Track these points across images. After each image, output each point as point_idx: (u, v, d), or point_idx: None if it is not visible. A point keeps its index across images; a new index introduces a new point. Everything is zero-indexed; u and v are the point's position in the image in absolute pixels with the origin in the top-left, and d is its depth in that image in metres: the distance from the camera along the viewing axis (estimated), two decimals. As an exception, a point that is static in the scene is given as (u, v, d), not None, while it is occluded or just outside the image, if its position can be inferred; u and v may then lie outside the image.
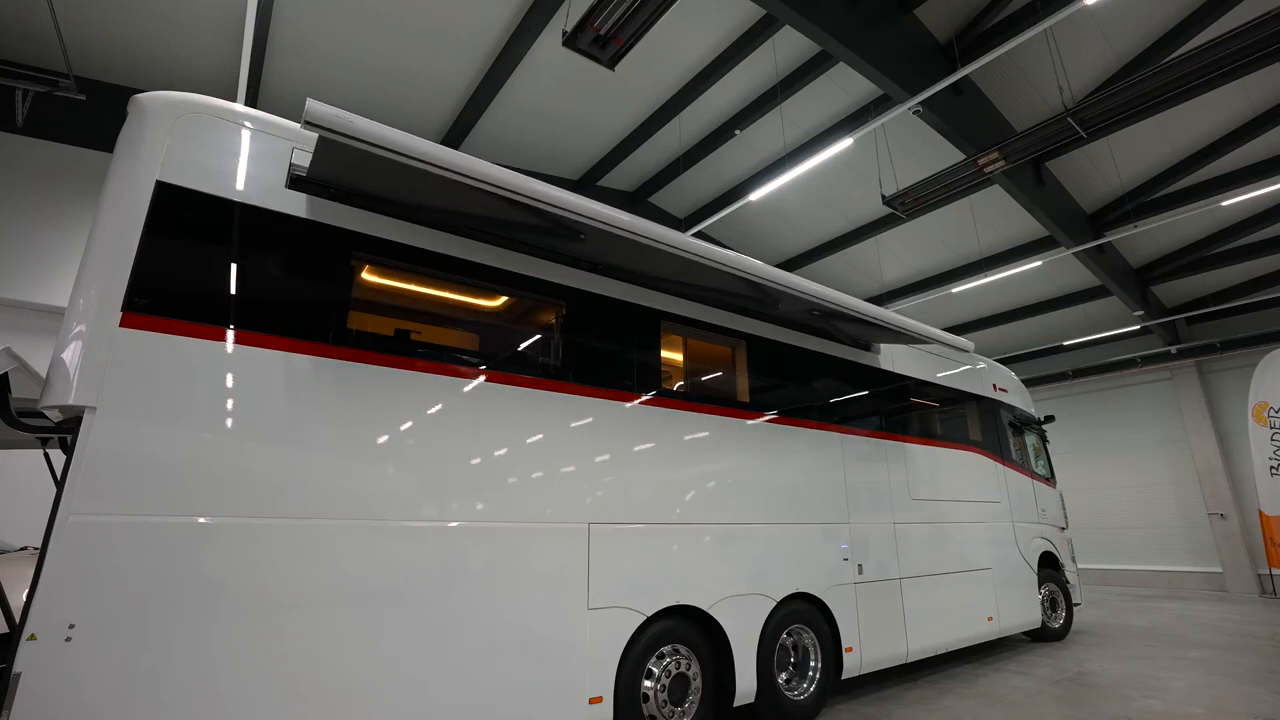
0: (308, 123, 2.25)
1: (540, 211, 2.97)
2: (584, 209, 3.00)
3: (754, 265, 3.80)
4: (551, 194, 2.87)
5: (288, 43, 7.18)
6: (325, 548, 2.54)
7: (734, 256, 3.70)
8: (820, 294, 4.20)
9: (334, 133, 2.32)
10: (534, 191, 2.81)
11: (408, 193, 3.01)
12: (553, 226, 3.32)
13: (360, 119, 2.39)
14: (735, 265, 3.67)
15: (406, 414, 2.89)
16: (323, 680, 2.43)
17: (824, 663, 4.30)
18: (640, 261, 3.78)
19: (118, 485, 2.20)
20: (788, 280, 4.00)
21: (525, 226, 3.38)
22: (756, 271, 3.79)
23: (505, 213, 3.15)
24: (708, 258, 3.54)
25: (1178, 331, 13.70)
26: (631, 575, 3.43)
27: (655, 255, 3.53)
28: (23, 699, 1.92)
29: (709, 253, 3.54)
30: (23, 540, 4.81)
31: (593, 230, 3.20)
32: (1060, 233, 9.65)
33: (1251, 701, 4.50)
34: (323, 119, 2.28)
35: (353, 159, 2.57)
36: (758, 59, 7.85)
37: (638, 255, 3.63)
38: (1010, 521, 6.59)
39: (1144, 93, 5.97)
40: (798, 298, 4.17)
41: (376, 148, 2.41)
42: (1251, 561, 11.94)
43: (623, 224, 3.16)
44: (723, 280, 3.97)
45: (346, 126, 2.34)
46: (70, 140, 7.27)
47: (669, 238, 3.35)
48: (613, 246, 3.50)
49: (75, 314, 2.39)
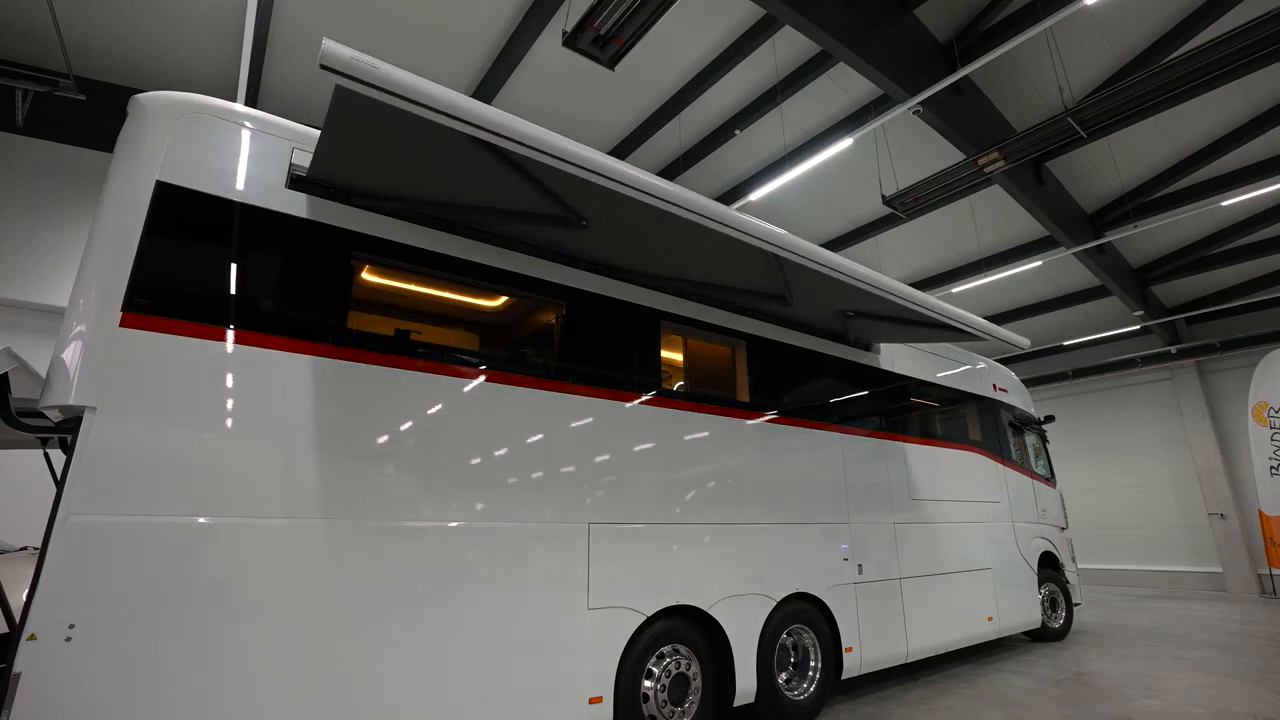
0: (324, 66, 1.96)
1: (566, 182, 2.69)
2: (630, 177, 2.69)
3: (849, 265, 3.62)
4: (592, 157, 2.57)
5: (288, 43, 7.17)
6: (325, 548, 2.54)
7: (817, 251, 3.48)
8: (918, 299, 4.07)
9: (354, 79, 2.02)
10: (570, 154, 2.50)
11: (419, 172, 2.80)
12: (564, 215, 3.16)
13: (386, 65, 2.09)
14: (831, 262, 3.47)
15: (406, 414, 2.89)
16: (322, 680, 2.43)
17: (824, 663, 4.30)
18: (686, 244, 3.43)
19: (118, 485, 2.21)
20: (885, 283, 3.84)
21: (535, 216, 3.23)
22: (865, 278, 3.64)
23: (523, 193, 2.93)
24: (797, 251, 3.28)
25: (1178, 331, 13.69)
26: (631, 575, 3.43)
27: (717, 239, 3.20)
28: (23, 699, 1.92)
29: (794, 245, 3.29)
30: (23, 540, 4.81)
31: (636, 203, 2.84)
32: (1060, 233, 9.65)
33: (1251, 701, 4.50)
34: (342, 63, 1.98)
35: (370, 117, 2.30)
36: (758, 59, 7.84)
37: (690, 237, 3.28)
38: (1010, 521, 6.59)
39: (1144, 93, 5.96)
40: (892, 301, 3.99)
41: (402, 98, 2.11)
42: (1251, 561, 11.94)
43: (683, 199, 2.86)
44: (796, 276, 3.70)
45: (369, 73, 2.03)
46: (70, 140, 7.26)
47: (743, 221, 3.08)
48: (648, 226, 3.20)
49: (75, 314, 2.39)
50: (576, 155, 2.53)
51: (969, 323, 4.59)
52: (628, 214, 3.12)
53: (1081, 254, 10.25)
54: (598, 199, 2.96)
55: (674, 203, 2.86)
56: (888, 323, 4.92)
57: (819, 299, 4.40)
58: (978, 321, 4.68)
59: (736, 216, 3.12)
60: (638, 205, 2.87)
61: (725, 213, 3.07)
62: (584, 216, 3.22)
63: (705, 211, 2.97)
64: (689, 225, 3.09)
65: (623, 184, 2.68)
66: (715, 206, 3.03)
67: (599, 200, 3.00)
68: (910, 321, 4.75)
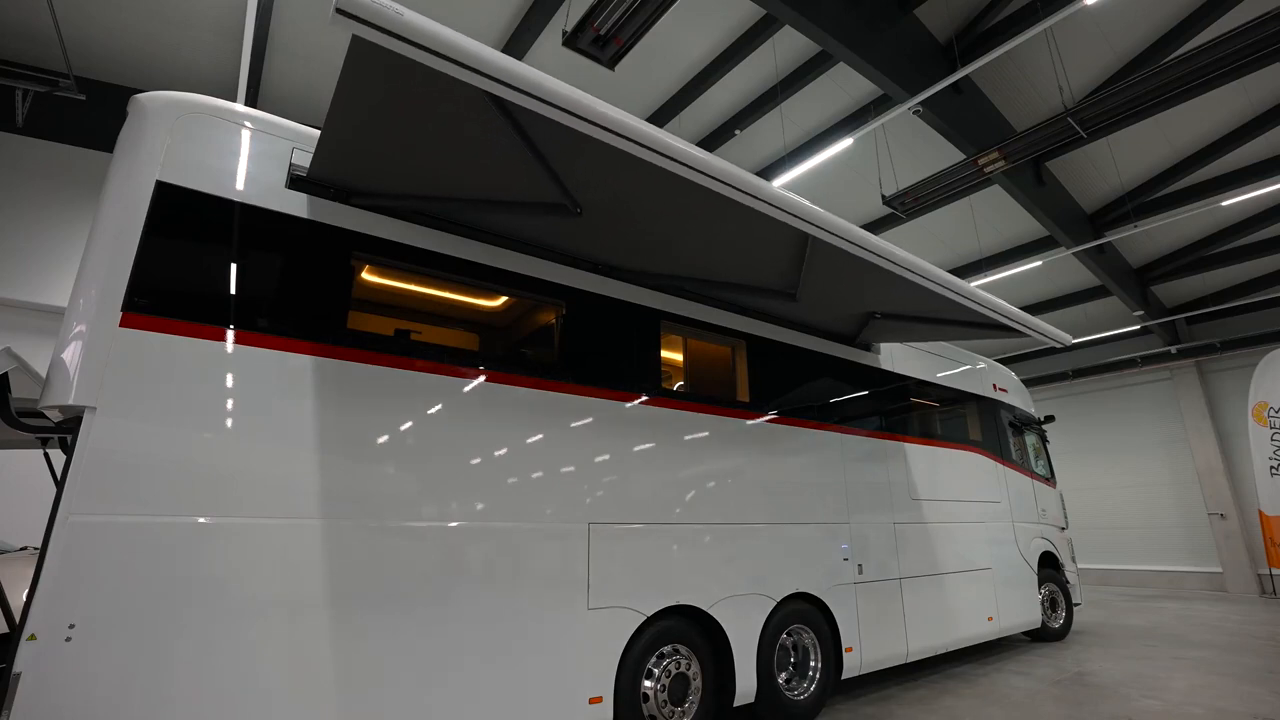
0: (340, 11, 1.74)
1: (589, 157, 2.49)
2: (673, 147, 2.46)
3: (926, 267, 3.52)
4: (628, 122, 2.34)
5: (288, 43, 7.17)
6: (325, 548, 2.54)
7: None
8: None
9: (375, 27, 1.79)
10: (605, 116, 2.26)
11: (430, 154, 2.66)
12: (565, 202, 3.03)
13: (411, 11, 1.86)
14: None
15: (406, 414, 2.89)
16: (322, 680, 2.43)
17: (824, 663, 4.30)
18: (704, 229, 3.25)
19: (118, 485, 2.21)
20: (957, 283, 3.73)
21: (540, 207, 3.14)
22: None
23: (534, 178, 2.81)
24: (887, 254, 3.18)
25: (1178, 331, 13.69)
26: (631, 575, 3.43)
27: (742, 221, 3.00)
28: (23, 699, 1.92)
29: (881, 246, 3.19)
30: (23, 540, 4.81)
31: (668, 178, 2.62)
32: (1060, 233, 9.65)
33: (1251, 701, 4.50)
34: (361, 8, 1.76)
35: (388, 82, 2.13)
36: (758, 59, 7.84)
37: (710, 221, 3.11)
38: (1010, 521, 6.59)
39: (1144, 93, 5.97)
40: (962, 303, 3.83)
41: (428, 50, 1.88)
42: (1251, 561, 11.93)
43: (729, 174, 2.65)
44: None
45: (393, 20, 1.80)
46: (70, 140, 7.26)
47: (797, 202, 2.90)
48: (658, 215, 3.06)
49: (75, 314, 2.39)
50: (610, 118, 2.26)
51: (1019, 319, 4.26)
52: (651, 192, 2.91)
53: (1081, 254, 10.25)
54: (622, 173, 2.73)
55: (720, 178, 2.61)
56: (916, 323, 4.78)
57: (843, 293, 4.18)
58: (1027, 318, 4.38)
59: (786, 196, 2.90)
60: (668, 181, 2.66)
61: (774, 192, 2.86)
62: (581, 204, 3.06)
63: (750, 188, 2.71)
64: (720, 204, 2.83)
65: (664, 154, 2.43)
66: (760, 183, 2.79)
67: (622, 174, 2.78)
68: (937, 320, 4.58)
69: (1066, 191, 10.07)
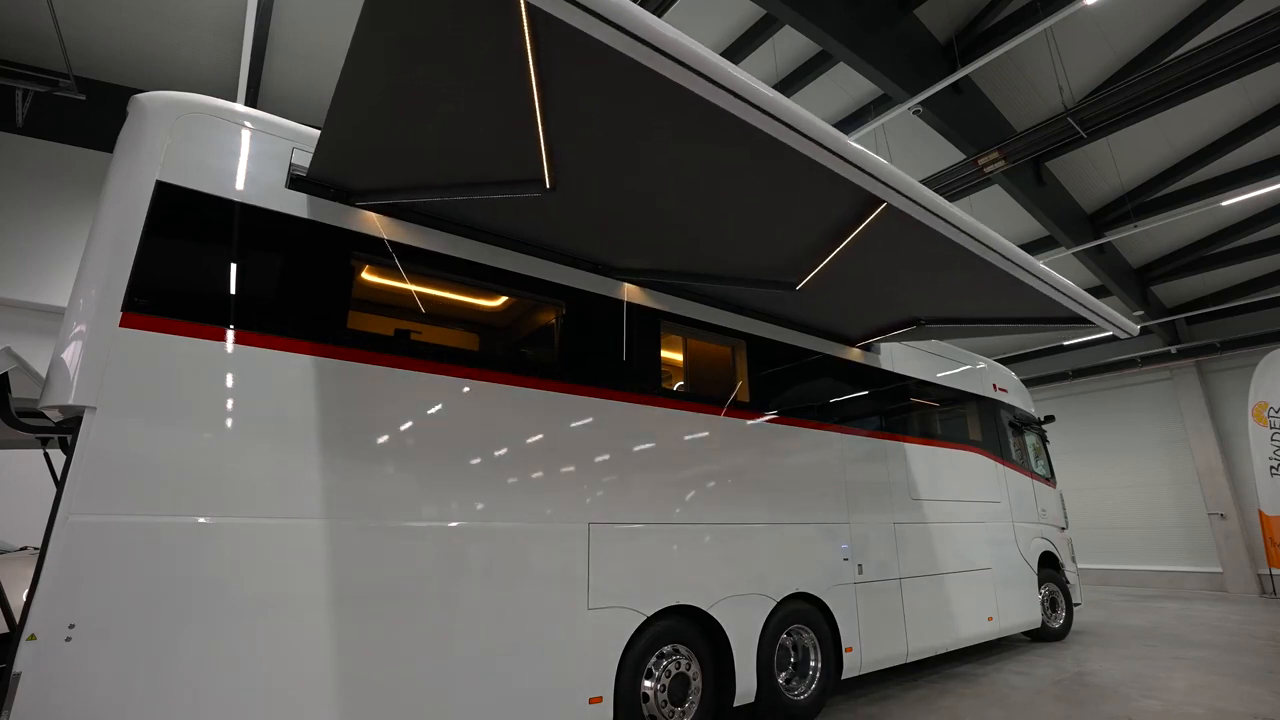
0: None
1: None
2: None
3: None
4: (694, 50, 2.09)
5: (288, 43, 7.17)
6: (325, 548, 2.54)
7: None
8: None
9: None
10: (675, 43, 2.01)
11: (444, 118, 2.45)
12: (535, 177, 2.69)
13: None
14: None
15: (406, 414, 2.89)
16: (322, 680, 2.43)
17: (824, 663, 4.30)
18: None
19: (118, 485, 2.21)
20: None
21: (523, 184, 2.85)
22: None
23: (528, 146, 2.54)
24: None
25: (1178, 331, 13.69)
26: (631, 575, 3.43)
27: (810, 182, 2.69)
28: (23, 699, 1.92)
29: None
30: (23, 540, 4.81)
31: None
32: (1060, 233, 9.65)
33: (1251, 701, 4.50)
34: None
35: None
36: (758, 59, 7.83)
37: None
38: (1010, 521, 6.59)
39: (1144, 93, 5.98)
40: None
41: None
42: (1251, 561, 11.93)
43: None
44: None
45: None
46: (70, 140, 7.26)
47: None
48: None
49: (75, 314, 2.39)
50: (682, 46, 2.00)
51: (1093, 306, 3.99)
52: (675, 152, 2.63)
53: (1081, 254, 10.25)
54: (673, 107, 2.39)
55: (800, 127, 2.38)
56: (962, 323, 4.67)
57: (877, 287, 3.92)
58: (1100, 305, 4.11)
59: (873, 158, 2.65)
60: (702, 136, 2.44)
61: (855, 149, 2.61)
62: (555, 182, 2.78)
63: (832, 143, 2.45)
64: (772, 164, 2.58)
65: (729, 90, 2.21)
66: (840, 135, 2.53)
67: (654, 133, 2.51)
68: (987, 320, 4.43)
69: (1066, 191, 10.07)
